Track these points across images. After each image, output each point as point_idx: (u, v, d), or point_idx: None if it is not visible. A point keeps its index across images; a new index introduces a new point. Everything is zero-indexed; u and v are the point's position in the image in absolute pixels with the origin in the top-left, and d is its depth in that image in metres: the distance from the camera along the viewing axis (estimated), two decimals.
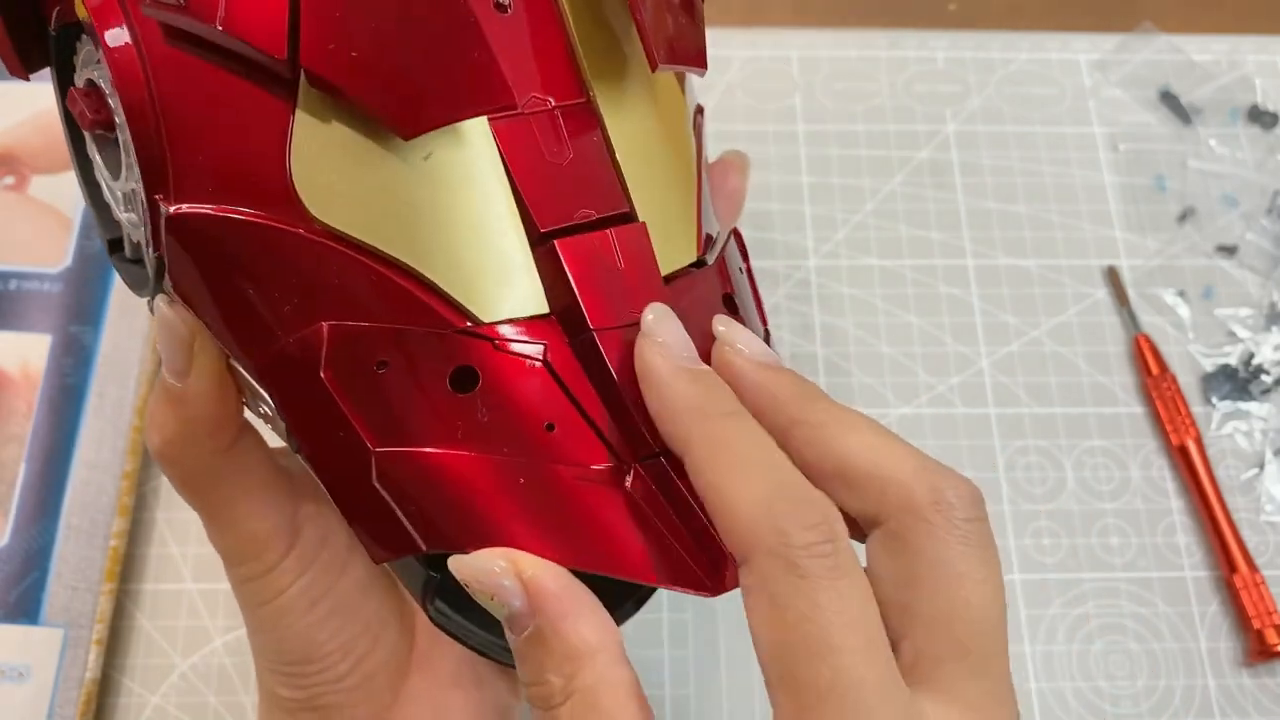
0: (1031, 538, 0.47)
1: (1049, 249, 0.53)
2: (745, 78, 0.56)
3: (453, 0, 0.25)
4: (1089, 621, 0.46)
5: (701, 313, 0.28)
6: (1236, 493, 0.48)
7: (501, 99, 0.26)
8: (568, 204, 0.27)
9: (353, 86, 0.25)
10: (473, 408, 0.26)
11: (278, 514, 0.31)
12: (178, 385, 0.29)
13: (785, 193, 0.53)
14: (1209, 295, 0.52)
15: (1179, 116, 0.55)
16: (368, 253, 0.26)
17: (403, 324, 0.26)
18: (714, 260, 0.30)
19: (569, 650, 0.24)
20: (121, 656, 0.43)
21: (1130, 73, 0.57)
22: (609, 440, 0.26)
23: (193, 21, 0.25)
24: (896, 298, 0.51)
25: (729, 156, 0.35)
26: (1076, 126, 0.56)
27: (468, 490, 0.26)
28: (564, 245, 0.26)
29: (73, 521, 0.43)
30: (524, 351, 0.26)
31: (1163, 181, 0.54)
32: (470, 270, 0.26)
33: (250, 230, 0.26)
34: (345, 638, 0.32)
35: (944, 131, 0.55)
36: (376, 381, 0.26)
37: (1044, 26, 0.59)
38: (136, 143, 0.26)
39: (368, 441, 0.26)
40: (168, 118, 0.26)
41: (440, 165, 0.26)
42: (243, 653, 0.44)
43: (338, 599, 0.32)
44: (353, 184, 0.26)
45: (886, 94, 0.56)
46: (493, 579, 0.24)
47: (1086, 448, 0.49)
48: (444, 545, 0.26)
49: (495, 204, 0.26)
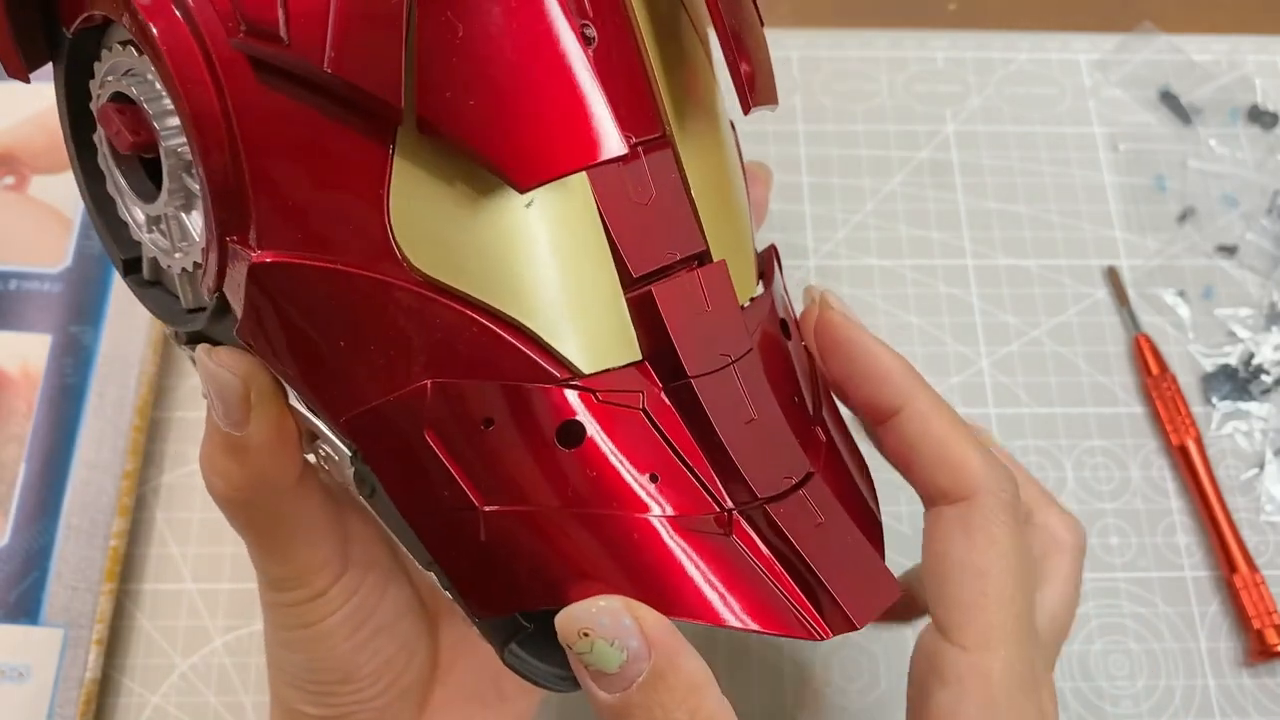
0: None
1: (1049, 249, 0.53)
2: None
3: (557, 42, 0.24)
4: (1089, 621, 0.46)
5: (770, 339, 0.28)
6: (1236, 493, 0.48)
7: (619, 147, 0.24)
8: (656, 246, 0.26)
9: (471, 136, 0.24)
10: (580, 462, 0.25)
11: (331, 543, 0.31)
12: (237, 434, 0.28)
13: (785, 193, 0.53)
14: (1209, 295, 0.52)
15: (1179, 116, 0.55)
16: (469, 304, 0.25)
17: (507, 378, 0.25)
18: (772, 284, 0.30)
19: (690, 684, 0.25)
20: (121, 656, 0.43)
21: (1130, 73, 0.57)
22: (710, 488, 0.26)
23: (299, 61, 0.23)
24: (896, 298, 0.51)
25: (752, 167, 0.34)
26: (1076, 126, 0.56)
27: (574, 546, 0.25)
28: (658, 290, 0.25)
29: (73, 521, 0.43)
30: (624, 402, 0.26)
31: (1163, 181, 0.54)
32: (571, 320, 0.25)
33: (346, 282, 0.25)
34: (384, 658, 0.32)
35: (944, 131, 0.55)
36: (482, 439, 0.25)
37: (1044, 26, 0.59)
38: (210, 180, 0.25)
39: (475, 501, 0.25)
40: (252, 157, 0.25)
41: (542, 213, 0.25)
42: (243, 653, 0.44)
43: (380, 621, 0.32)
44: (453, 233, 0.25)
45: (886, 94, 0.56)
46: (615, 621, 0.25)
47: (1086, 448, 0.49)
48: (552, 601, 0.25)
49: (592, 249, 0.25)
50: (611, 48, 0.26)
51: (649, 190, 0.26)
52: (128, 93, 0.26)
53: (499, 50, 0.24)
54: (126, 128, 0.26)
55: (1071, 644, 0.45)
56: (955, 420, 0.30)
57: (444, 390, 0.25)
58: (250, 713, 0.43)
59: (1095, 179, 0.54)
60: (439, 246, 0.25)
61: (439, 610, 0.35)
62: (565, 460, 0.25)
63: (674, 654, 0.25)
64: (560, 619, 0.25)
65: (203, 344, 0.28)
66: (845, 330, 0.31)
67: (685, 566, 0.25)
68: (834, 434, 0.30)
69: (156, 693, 0.43)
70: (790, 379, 0.29)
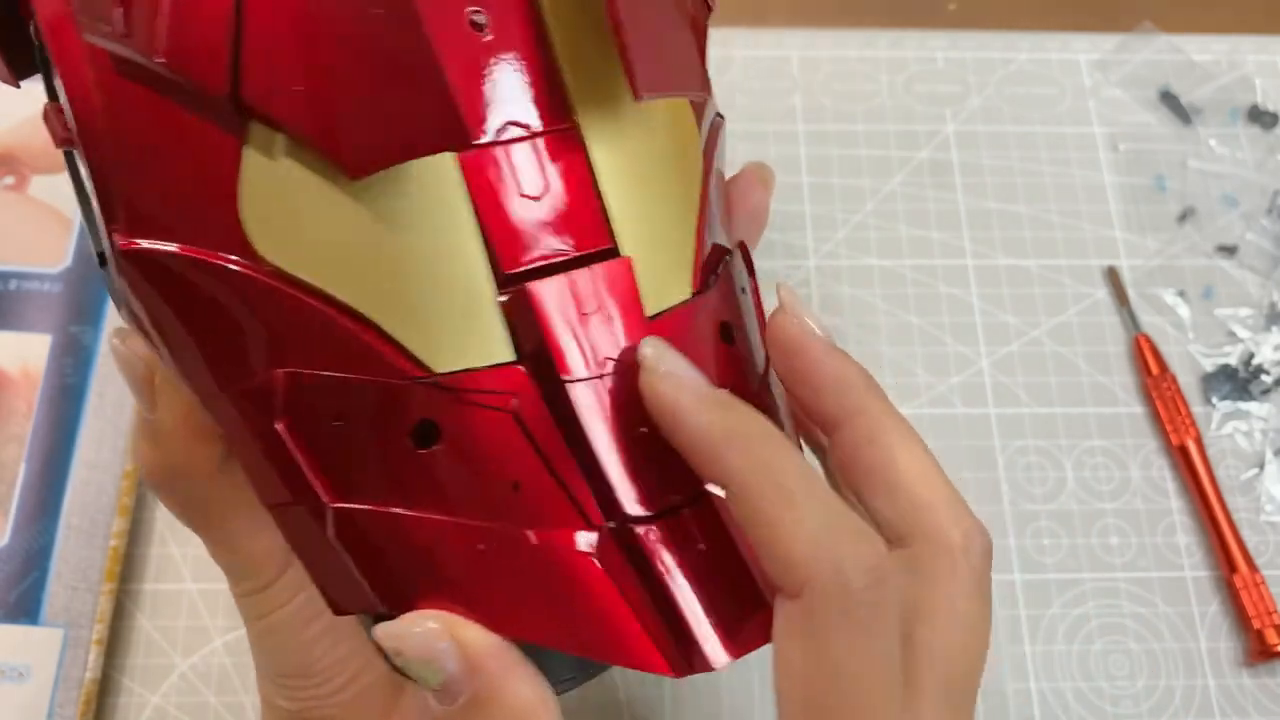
0: (1031, 538, 0.47)
1: (1049, 249, 0.53)
2: (745, 78, 0.56)
3: (410, 26, 0.23)
4: (1089, 621, 0.46)
5: (695, 347, 0.26)
6: (1236, 493, 0.48)
7: (460, 134, 0.23)
8: (541, 241, 0.25)
9: (295, 123, 0.23)
10: (435, 464, 0.24)
11: (272, 535, 0.31)
12: (150, 417, 0.29)
13: (785, 193, 0.53)
14: (1209, 295, 0.52)
15: (1179, 116, 0.55)
16: (319, 296, 0.24)
17: (359, 373, 0.24)
18: (715, 285, 0.28)
19: (518, 711, 0.24)
20: (121, 656, 0.43)
21: (1130, 73, 0.57)
22: (578, 501, 0.24)
23: (134, 52, 0.23)
24: (897, 298, 0.51)
25: (751, 169, 0.33)
26: (1076, 126, 0.56)
27: (423, 553, 0.24)
28: (534, 287, 0.24)
29: (73, 521, 0.43)
30: (489, 403, 0.24)
31: (1163, 181, 0.54)
32: (428, 316, 0.24)
33: (201, 269, 0.25)
34: (339, 655, 0.32)
35: (944, 131, 0.55)
36: (334, 433, 0.25)
37: (1044, 26, 0.59)
38: (91, 170, 0.25)
39: (324, 497, 0.25)
40: (120, 148, 0.25)
41: (398, 205, 0.24)
42: (243, 653, 0.43)
43: (331, 619, 0.32)
44: (304, 224, 0.24)
45: (886, 94, 0.56)
46: (426, 643, 0.24)
47: (1086, 448, 0.49)
48: (400, 607, 0.25)
49: (462, 244, 0.24)
50: (505, 34, 0.25)
51: (542, 182, 0.25)
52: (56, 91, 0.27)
53: (333, 32, 0.23)
54: (59, 125, 0.27)
55: (1071, 643, 0.45)
56: (907, 443, 0.27)
57: (295, 382, 0.25)
58: (250, 713, 0.43)
59: (1095, 179, 0.54)
60: (289, 237, 0.24)
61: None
62: (419, 461, 0.24)
63: (501, 679, 0.24)
64: (376, 633, 0.25)
65: (117, 328, 0.29)
66: (791, 332, 0.28)
67: (529, 584, 0.24)
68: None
69: (156, 693, 0.43)
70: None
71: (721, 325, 0.27)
